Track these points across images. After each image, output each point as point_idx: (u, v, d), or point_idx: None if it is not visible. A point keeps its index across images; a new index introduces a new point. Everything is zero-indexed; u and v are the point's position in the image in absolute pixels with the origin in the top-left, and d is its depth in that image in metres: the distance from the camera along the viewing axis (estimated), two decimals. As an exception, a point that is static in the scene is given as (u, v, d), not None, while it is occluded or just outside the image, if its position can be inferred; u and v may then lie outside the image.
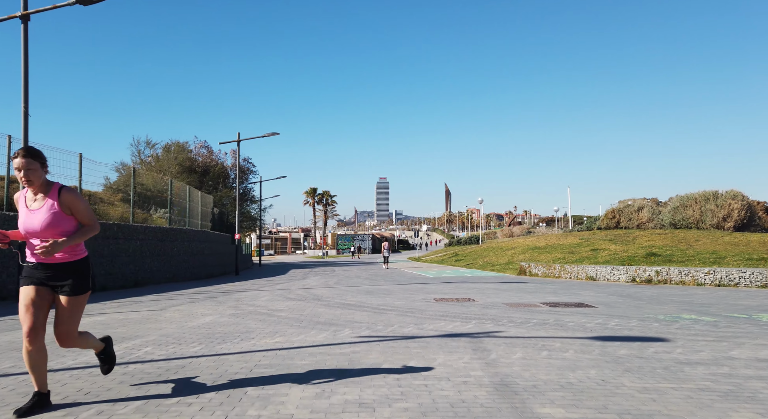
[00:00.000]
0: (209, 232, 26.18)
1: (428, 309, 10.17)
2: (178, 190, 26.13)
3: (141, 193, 29.50)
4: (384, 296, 13.03)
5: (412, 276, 23.20)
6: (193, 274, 22.71)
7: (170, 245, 20.93)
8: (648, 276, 16.50)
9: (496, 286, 15.96)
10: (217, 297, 13.05)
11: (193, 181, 34.47)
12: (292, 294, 14.00)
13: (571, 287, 15.53)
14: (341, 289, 15.52)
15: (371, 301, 11.72)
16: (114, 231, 17.35)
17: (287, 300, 12.08)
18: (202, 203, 29.26)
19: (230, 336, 7.12)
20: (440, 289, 15.02)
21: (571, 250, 29.53)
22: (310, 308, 10.45)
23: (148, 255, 19.19)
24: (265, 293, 14.36)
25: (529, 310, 9.82)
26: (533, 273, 21.18)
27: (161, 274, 19.92)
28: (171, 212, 23.75)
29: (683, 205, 33.15)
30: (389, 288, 15.61)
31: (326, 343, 6.52)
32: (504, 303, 11.12)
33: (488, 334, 7.12)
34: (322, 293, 14.15)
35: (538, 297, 12.46)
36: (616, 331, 7.36)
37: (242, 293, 14.46)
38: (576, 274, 19.03)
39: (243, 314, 9.53)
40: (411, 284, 17.63)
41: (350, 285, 17.55)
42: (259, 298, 12.74)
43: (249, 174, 45.10)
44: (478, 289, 14.86)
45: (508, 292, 13.77)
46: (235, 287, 17.41)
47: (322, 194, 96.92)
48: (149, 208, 27.08)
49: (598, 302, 11.23)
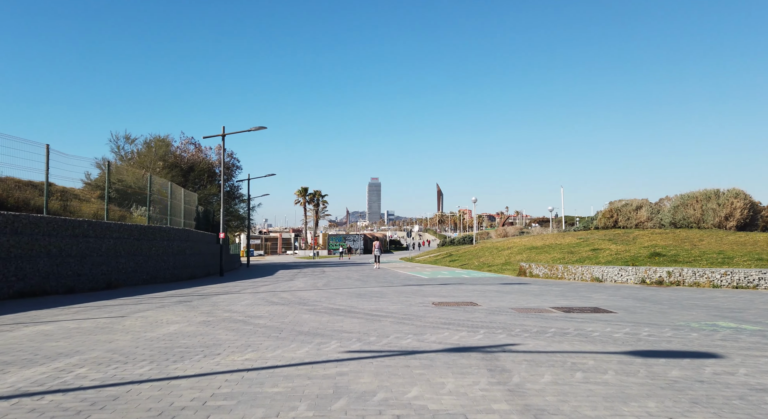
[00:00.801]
0: (192, 231, 24.85)
1: (427, 315, 8.98)
2: (160, 186, 24.79)
3: (121, 190, 28.12)
4: (377, 300, 11.83)
5: (406, 277, 22.03)
6: (174, 275, 21.38)
7: (148, 244, 19.59)
8: (659, 277, 15.43)
9: (498, 288, 14.82)
10: (191, 302, 11.78)
11: (176, 177, 33.04)
12: (276, 297, 12.76)
13: (578, 289, 14.42)
14: (330, 292, 14.31)
15: (363, 306, 10.52)
16: (84, 228, 16.01)
17: (269, 305, 10.84)
18: (185, 201, 27.91)
19: (192, 351, 5.88)
20: (437, 292, 13.85)
21: (570, 250, 28.51)
22: (294, 314, 9.23)
23: (123, 255, 17.85)
24: (247, 296, 13.11)
25: (541, 317, 8.66)
26: (534, 274, 20.08)
27: (138, 275, 18.58)
28: (150, 210, 22.40)
29: (684, 203, 32.25)
30: (382, 291, 14.43)
31: (308, 361, 5.31)
32: (511, 308, 9.96)
33: (503, 348, 5.95)
34: (308, 296, 12.93)
35: (546, 300, 11.32)
36: (652, 343, 6.22)
37: (221, 296, 13.21)
38: (580, 275, 17.94)
39: (215, 322, 8.29)
40: (405, 286, 16.45)
41: (340, 287, 16.34)
42: (238, 302, 11.49)
43: (234, 170, 43.66)
44: (478, 292, 13.70)
45: (512, 295, 12.62)
46: (216, 289, 16.14)
47: (314, 194, 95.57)
48: (129, 206, 25.71)
49: (616, 307, 10.10)
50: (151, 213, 25.45)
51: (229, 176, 45.02)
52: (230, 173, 45.18)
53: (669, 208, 33.19)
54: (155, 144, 33.76)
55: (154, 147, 33.43)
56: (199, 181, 36.93)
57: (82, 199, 24.76)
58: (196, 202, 30.68)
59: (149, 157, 33.49)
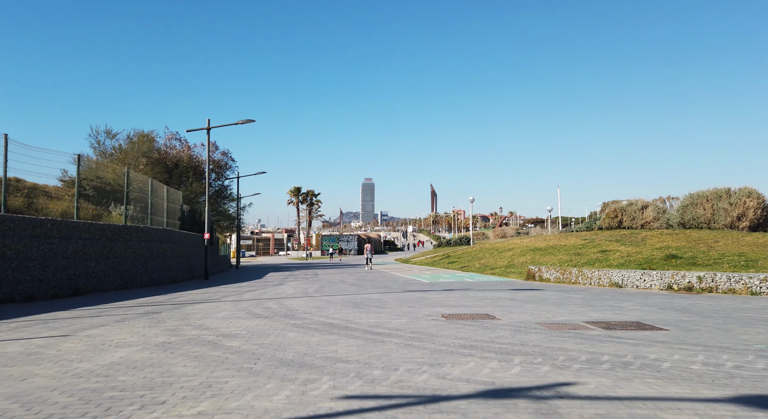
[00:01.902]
0: (174, 231, 23.11)
1: (440, 332, 7.37)
2: (142, 184, 23.07)
3: (99, 188, 26.38)
4: (377, 310, 10.21)
5: (405, 281, 20.42)
6: (152, 280, 19.65)
7: (123, 246, 17.86)
8: (688, 283, 13.90)
9: (510, 296, 13.23)
10: (160, 313, 10.10)
11: (159, 175, 31.24)
12: (260, 307, 11.10)
13: (601, 297, 12.86)
14: (322, 300, 12.67)
15: (361, 319, 8.89)
16: (47, 228, 14.27)
17: (250, 318, 9.19)
18: (169, 199, 26.16)
19: (127, 397, 4.23)
20: (444, 300, 12.24)
21: (577, 252, 27.02)
22: (278, 331, 7.59)
23: (93, 258, 16.12)
24: (227, 306, 11.43)
25: (581, 336, 7.07)
26: (544, 278, 18.52)
27: (110, 280, 16.85)
28: (129, 208, 20.68)
29: (693, 203, 30.85)
30: (381, 298, 12.80)
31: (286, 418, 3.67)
32: (537, 322, 8.37)
33: (557, 391, 4.34)
34: (298, 305, 11.28)
35: (573, 312, 9.74)
36: (753, 383, 4.63)
37: (197, 306, 11.53)
38: (597, 280, 16.39)
39: (177, 344, 6.64)
40: (406, 292, 14.84)
41: (333, 293, 14.71)
42: (214, 314, 9.82)
43: (227, 169, 41.87)
44: (490, 300, 12.10)
45: (531, 305, 11.04)
46: (195, 296, 14.45)
47: (307, 193, 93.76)
48: (108, 204, 23.96)
49: (661, 321, 8.53)
50: (132, 212, 23.75)
51: (221, 175, 43.26)
52: (222, 172, 43.41)
53: (678, 208, 31.81)
54: (138, 139, 31.94)
55: (136, 142, 31.61)
56: (185, 178, 35.13)
57: (54, 197, 22.98)
58: (180, 201, 28.93)
59: (131, 153, 31.68)
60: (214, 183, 41.05)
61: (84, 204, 23.07)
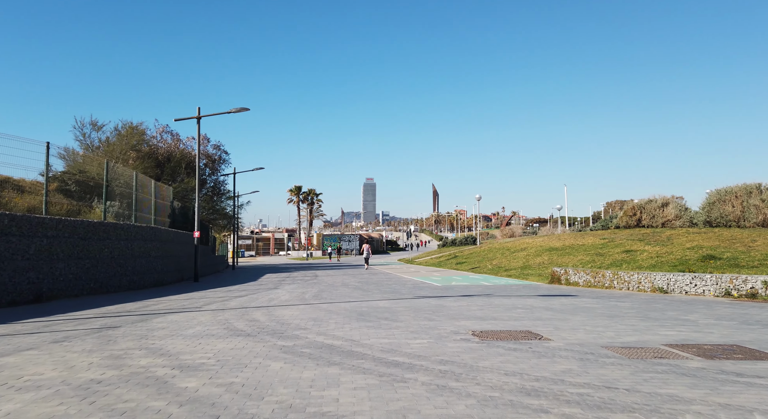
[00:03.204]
0: (160, 229, 21.12)
1: (480, 363, 5.37)
2: (129, 178, 21.12)
3: (82, 182, 24.47)
4: (388, 324, 8.20)
5: (415, 284, 18.40)
6: (133, 283, 17.66)
7: (99, 245, 15.86)
8: (751, 288, 11.86)
9: (544, 303, 11.21)
10: (118, 328, 8.09)
11: (149, 170, 29.22)
12: (245, 319, 9.10)
13: (652, 306, 10.84)
14: (321, 308, 10.66)
15: (369, 338, 6.89)
16: (3, 224, 12.29)
17: (227, 337, 7.18)
18: (157, 195, 24.18)
19: None
20: (466, 309, 10.23)
21: (598, 252, 24.99)
22: (258, 360, 5.59)
23: (62, 258, 14.14)
24: (205, 317, 9.42)
25: (680, 370, 5.05)
26: (572, 281, 16.49)
27: (81, 284, 14.86)
28: (111, 204, 18.71)
29: (720, 199, 28.78)
30: (391, 307, 10.79)
31: None
32: (603, 345, 6.35)
33: None
34: (291, 317, 9.27)
35: (636, 328, 7.72)
36: None
37: (170, 316, 9.52)
38: (637, 284, 14.35)
39: (111, 383, 4.63)
40: (419, 298, 12.83)
41: (334, 299, 12.70)
42: (184, 330, 7.82)
43: (221, 163, 39.83)
44: (523, 310, 10.08)
45: (577, 317, 9.02)
46: (173, 303, 12.45)
47: (308, 192, 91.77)
48: (91, 200, 21.99)
49: (763, 342, 6.51)
50: (117, 209, 21.76)
51: (215, 170, 41.25)
52: (216, 167, 41.40)
53: (703, 205, 29.75)
54: (127, 132, 29.92)
55: (125, 135, 29.59)
56: (177, 173, 33.12)
57: (29, 191, 21.02)
58: (171, 197, 26.95)
59: (119, 147, 29.66)
60: (209, 178, 39.06)
61: (60, 199, 21.12)
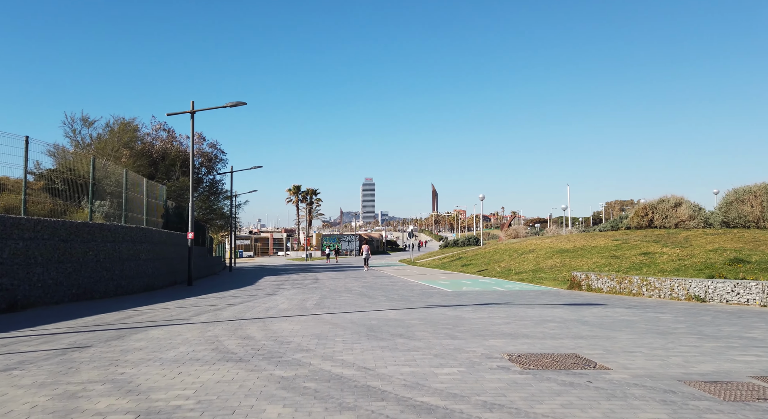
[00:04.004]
0: (152, 230, 19.88)
1: (534, 408, 4.16)
2: (120, 176, 19.92)
3: (70, 181, 23.25)
4: (404, 344, 6.99)
5: (423, 289, 17.19)
6: (120, 288, 16.42)
7: (82, 247, 14.62)
8: (803, 297, 10.66)
9: (576, 315, 9.99)
10: (87, 348, 6.87)
11: (143, 168, 27.98)
12: (238, 336, 7.87)
13: (698, 318, 9.64)
14: (325, 321, 9.44)
15: (385, 365, 5.68)
16: (-29, 225, 11.07)
17: (214, 363, 5.96)
18: (150, 194, 22.97)
19: None
20: (490, 322, 9.01)
21: (613, 254, 23.79)
22: (249, 403, 4.37)
23: (40, 262, 12.91)
24: (191, 333, 8.19)
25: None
26: (594, 287, 15.28)
27: (63, 290, 13.63)
28: (101, 203, 17.50)
29: (738, 199, 27.60)
30: (403, 319, 9.58)
31: None
32: (678, 378, 5.14)
33: None
34: (290, 332, 8.06)
35: (701, 349, 6.51)
36: None
37: (152, 331, 8.29)
38: (669, 291, 13.14)
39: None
40: (432, 307, 11.61)
41: (339, 308, 11.48)
42: (164, 352, 6.59)
43: (217, 162, 38.59)
44: (556, 324, 8.86)
45: (622, 333, 7.80)
46: (160, 313, 11.22)
47: (306, 192, 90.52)
48: (80, 200, 20.76)
49: None
50: (108, 208, 20.57)
51: (211, 169, 40.02)
52: (213, 165, 40.17)
53: (720, 205, 28.59)
54: (119, 128, 28.65)
55: (117, 132, 28.32)
56: (172, 172, 31.87)
57: (10, 190, 19.79)
58: (164, 197, 25.71)
59: (112, 144, 28.42)
60: (205, 178, 37.82)
61: (45, 198, 19.90)
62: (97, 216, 19.56)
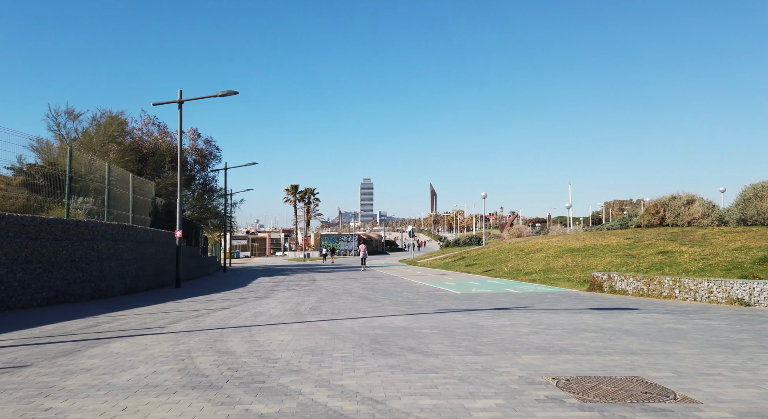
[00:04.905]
0: (136, 228, 18.47)
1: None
2: (104, 172, 18.58)
3: (52, 176, 21.90)
4: (418, 361, 5.64)
5: (429, 291, 15.84)
6: (98, 290, 15.02)
7: (53, 246, 13.23)
8: None
9: (611, 322, 8.64)
10: (25, 367, 5.49)
11: (130, 164, 26.56)
12: (214, 350, 6.51)
13: (753, 324, 8.30)
14: (321, 330, 8.08)
15: (400, 396, 4.33)
16: None
17: (175, 391, 4.59)
18: (137, 190, 21.60)
19: None
20: (513, 332, 7.66)
21: (628, 253, 22.47)
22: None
23: (3, 262, 11.52)
24: (159, 347, 6.83)
25: None
26: (618, 289, 13.93)
27: (31, 293, 12.24)
28: (70, 198, 16.09)
29: (757, 195, 26.29)
30: (412, 327, 8.22)
31: None
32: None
33: None
34: (279, 345, 6.70)
35: (794, 370, 5.17)
36: None
37: (113, 344, 6.93)
38: (707, 294, 11.79)
39: None
40: (442, 312, 10.25)
41: (337, 313, 10.12)
42: (116, 375, 5.23)
43: (212, 159, 37.17)
44: (593, 332, 7.50)
45: (679, 346, 6.45)
46: (130, 320, 9.84)
47: (304, 191, 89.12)
48: (62, 196, 19.39)
49: None
50: (91, 205, 19.23)
51: (205, 166, 38.60)
52: (207, 162, 38.74)
53: (737, 201, 27.29)
54: (106, 122, 27.22)
55: (104, 125, 26.89)
56: (161, 168, 30.46)
57: (-18, 184, 18.43)
58: (152, 193, 24.33)
59: (98, 138, 26.99)
60: (198, 175, 36.41)
61: (19, 193, 18.52)
62: (79, 214, 18.17)
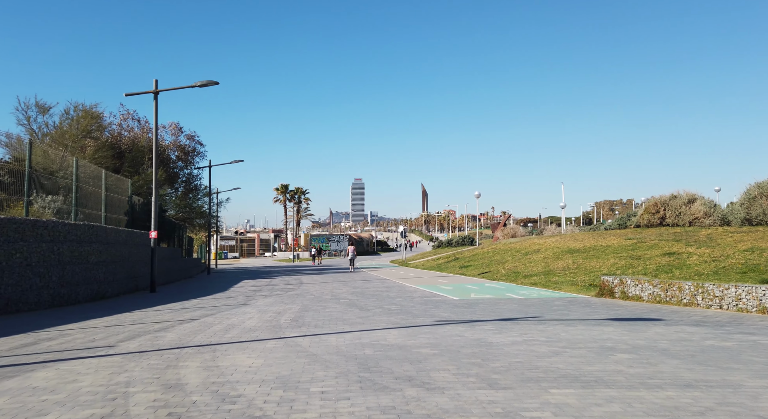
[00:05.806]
0: (105, 228, 17.01)
1: None
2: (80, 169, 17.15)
3: (17, 172, 20.34)
4: (419, 403, 4.34)
5: (424, 297, 14.56)
6: (59, 297, 13.58)
7: (5, 248, 11.77)
8: None
9: (641, 339, 7.39)
10: None
11: (106, 160, 25.03)
12: (159, 383, 5.17)
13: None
14: (300, 350, 6.76)
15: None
16: None
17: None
18: (112, 188, 20.14)
19: None
20: (531, 353, 6.40)
21: (632, 255, 21.35)
22: None
23: (-59, 268, 10.08)
24: (94, 377, 5.47)
25: None
26: (631, 295, 12.73)
27: (-25, 302, 10.80)
28: (28, 196, 14.64)
29: (762, 194, 25.34)
30: (408, 345, 6.93)
31: None
32: None
33: None
34: (245, 374, 5.38)
35: None
36: None
37: (37, 373, 5.57)
38: (734, 302, 10.58)
39: None
40: (441, 324, 8.97)
41: (321, 326, 8.81)
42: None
43: (195, 156, 35.66)
44: (625, 354, 6.25)
45: (743, 374, 5.21)
46: (78, 336, 8.45)
47: (295, 191, 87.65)
48: (30, 194, 17.87)
49: None
50: (61, 204, 17.76)
51: (189, 163, 37.09)
52: (190, 159, 37.23)
53: (742, 200, 26.35)
54: (80, 115, 25.65)
55: (77, 120, 25.33)
56: (139, 164, 28.93)
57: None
58: (129, 191, 22.84)
59: (72, 134, 25.44)
60: (181, 172, 34.91)
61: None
62: (47, 213, 16.71)
